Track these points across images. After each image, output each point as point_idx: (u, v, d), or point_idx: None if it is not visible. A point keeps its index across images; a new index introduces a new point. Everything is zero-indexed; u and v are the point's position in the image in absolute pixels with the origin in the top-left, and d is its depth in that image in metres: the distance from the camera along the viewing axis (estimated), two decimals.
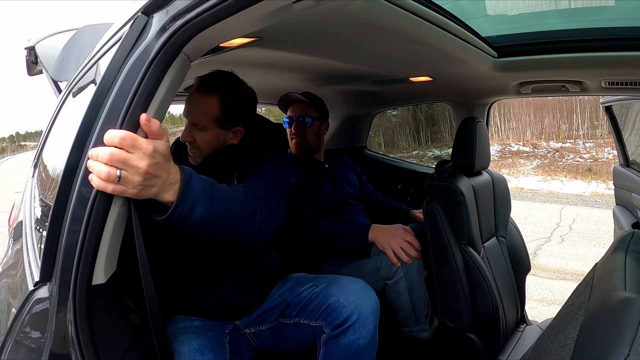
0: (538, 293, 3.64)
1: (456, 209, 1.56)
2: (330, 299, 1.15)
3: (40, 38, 2.22)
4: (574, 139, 14.03)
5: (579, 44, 1.38)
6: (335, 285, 1.19)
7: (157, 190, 0.77)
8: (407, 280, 1.54)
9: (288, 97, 1.88)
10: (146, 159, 0.72)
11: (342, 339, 1.13)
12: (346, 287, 1.18)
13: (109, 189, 0.72)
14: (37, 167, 1.99)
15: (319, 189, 1.82)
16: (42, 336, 0.84)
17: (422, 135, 14.24)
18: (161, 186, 0.78)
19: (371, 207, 2.06)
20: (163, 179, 0.77)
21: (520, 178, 11.18)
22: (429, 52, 1.31)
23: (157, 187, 0.77)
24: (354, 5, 0.84)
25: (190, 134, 1.22)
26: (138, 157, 0.72)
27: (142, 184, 0.73)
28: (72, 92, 1.57)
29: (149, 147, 0.72)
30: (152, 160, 0.73)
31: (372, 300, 1.16)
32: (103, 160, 0.70)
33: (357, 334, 1.12)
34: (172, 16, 0.74)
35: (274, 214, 1.07)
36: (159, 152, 0.74)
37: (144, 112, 0.74)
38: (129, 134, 0.71)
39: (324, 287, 1.20)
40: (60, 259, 0.80)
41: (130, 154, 0.71)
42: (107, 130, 0.72)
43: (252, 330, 1.27)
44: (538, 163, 13.02)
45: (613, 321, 0.56)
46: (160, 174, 0.76)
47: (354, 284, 1.19)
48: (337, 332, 1.13)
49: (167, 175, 0.78)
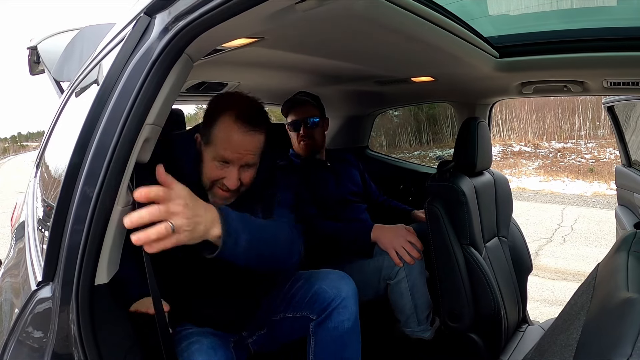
0: (540, 293, 3.63)
1: (458, 209, 1.56)
2: (314, 288, 1.23)
3: (43, 38, 2.23)
4: (575, 139, 13.99)
5: (580, 44, 1.38)
6: (315, 276, 1.26)
7: (204, 228, 0.83)
8: (409, 281, 1.54)
9: (293, 100, 1.88)
10: (180, 201, 0.77)
11: (328, 323, 1.19)
12: (326, 276, 1.26)
13: (171, 242, 0.77)
14: (40, 168, 1.99)
15: (321, 187, 1.83)
16: (45, 336, 0.84)
17: (423, 136, 14.22)
18: (206, 223, 0.83)
19: (374, 206, 2.06)
20: (203, 216, 0.82)
21: (522, 178, 11.16)
22: (430, 52, 1.31)
23: (203, 224, 0.82)
24: (357, 5, 0.84)
25: (239, 177, 1.10)
26: (174, 204, 0.77)
27: (190, 225, 0.78)
28: (74, 93, 1.58)
29: (176, 191, 0.78)
30: (185, 201, 0.78)
31: (351, 284, 1.23)
32: (148, 219, 0.75)
33: (342, 316, 1.19)
34: (175, 17, 0.74)
35: (301, 236, 1.17)
36: (185, 194, 0.79)
37: (147, 113, 0.75)
38: (156, 188, 0.76)
39: (306, 279, 1.27)
40: (63, 258, 0.80)
41: (167, 203, 0.76)
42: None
43: (254, 339, 1.30)
44: (540, 163, 12.99)
45: (615, 321, 0.56)
46: (198, 212, 0.81)
47: (332, 273, 1.26)
48: (323, 316, 1.20)
49: (204, 211, 0.83)
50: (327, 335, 1.20)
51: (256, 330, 1.30)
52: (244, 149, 1.08)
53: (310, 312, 1.22)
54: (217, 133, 1.08)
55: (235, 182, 1.09)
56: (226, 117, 1.08)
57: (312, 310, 1.22)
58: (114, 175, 0.75)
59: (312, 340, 1.22)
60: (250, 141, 1.09)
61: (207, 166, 1.11)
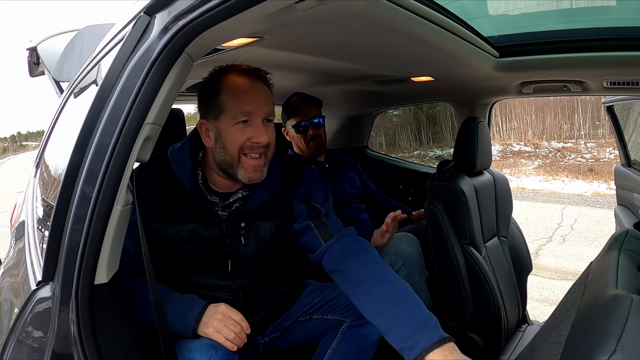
0: (539, 293, 3.63)
1: (458, 209, 1.56)
2: None
3: (42, 39, 2.23)
4: (575, 139, 13.99)
5: (580, 44, 1.38)
6: None
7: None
8: (409, 281, 1.54)
9: (295, 103, 1.87)
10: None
11: (360, 330, 1.17)
12: None
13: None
14: (39, 167, 1.99)
15: None
16: (45, 335, 0.84)
17: (423, 135, 14.21)
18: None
19: (373, 206, 2.06)
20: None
21: (521, 178, 11.16)
22: (430, 52, 1.31)
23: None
24: (356, 5, 0.84)
25: (267, 132, 1.05)
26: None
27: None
28: (74, 93, 1.57)
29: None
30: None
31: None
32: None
33: (374, 328, 1.13)
34: (175, 16, 0.74)
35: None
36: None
37: (146, 112, 0.75)
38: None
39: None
40: (63, 258, 0.80)
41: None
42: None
43: (267, 340, 1.26)
44: (539, 163, 12.98)
45: (602, 318, 0.56)
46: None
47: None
48: (358, 323, 1.17)
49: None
50: (355, 340, 1.17)
51: (271, 334, 1.26)
52: (260, 97, 1.06)
53: (345, 316, 1.19)
54: (227, 96, 1.04)
55: (265, 134, 1.04)
56: (229, 77, 1.06)
57: (347, 314, 1.19)
58: (114, 175, 0.76)
59: (339, 337, 1.19)
60: (261, 89, 1.07)
61: (228, 136, 1.05)
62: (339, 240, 1.10)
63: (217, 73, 1.08)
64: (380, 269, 1.05)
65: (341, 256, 1.07)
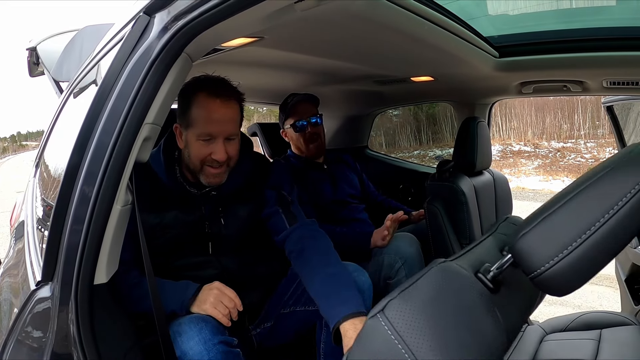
0: None
1: (458, 209, 1.56)
2: None
3: (42, 39, 2.23)
4: (575, 139, 13.98)
5: (580, 44, 1.38)
6: None
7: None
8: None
9: (292, 102, 1.84)
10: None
11: None
12: None
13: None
14: (39, 167, 1.99)
15: (318, 191, 1.82)
16: (44, 335, 0.84)
17: (423, 135, 14.21)
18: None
19: (373, 206, 2.06)
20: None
21: (521, 178, 11.16)
22: (430, 52, 1.31)
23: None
24: (356, 5, 0.84)
25: (226, 150, 1.14)
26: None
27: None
28: (73, 93, 1.57)
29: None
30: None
31: (367, 278, 1.24)
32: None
33: None
34: (174, 16, 0.74)
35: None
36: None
37: (146, 112, 0.75)
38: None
39: None
40: (62, 258, 0.80)
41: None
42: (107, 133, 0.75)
43: (258, 331, 1.29)
44: (539, 163, 12.97)
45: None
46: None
47: (349, 265, 1.25)
48: None
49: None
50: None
51: (262, 323, 1.30)
52: (224, 119, 1.14)
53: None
54: (196, 113, 1.12)
55: (222, 153, 1.13)
56: (200, 95, 1.12)
57: None
58: (113, 175, 0.76)
59: (325, 331, 1.22)
60: (227, 111, 1.14)
61: (193, 148, 1.15)
62: (302, 227, 1.24)
63: (193, 86, 1.14)
64: (328, 257, 1.16)
65: (300, 241, 1.20)
